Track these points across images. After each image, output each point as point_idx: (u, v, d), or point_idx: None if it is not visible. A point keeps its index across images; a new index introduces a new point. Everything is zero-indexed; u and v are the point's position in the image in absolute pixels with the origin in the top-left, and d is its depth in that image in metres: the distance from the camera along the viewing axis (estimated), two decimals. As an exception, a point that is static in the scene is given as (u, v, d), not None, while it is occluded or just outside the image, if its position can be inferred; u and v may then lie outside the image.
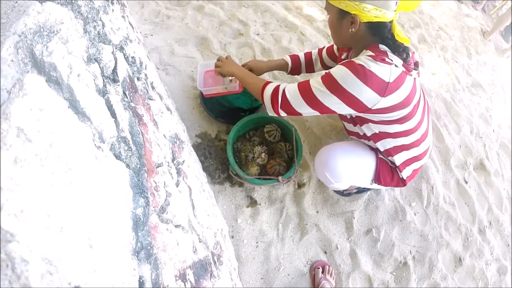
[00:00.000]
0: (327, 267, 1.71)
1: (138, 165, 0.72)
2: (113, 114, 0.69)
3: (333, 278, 1.69)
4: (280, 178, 1.63)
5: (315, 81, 1.24)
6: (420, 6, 3.45)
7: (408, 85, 1.20)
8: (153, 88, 1.27)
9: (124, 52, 0.99)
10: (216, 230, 1.36)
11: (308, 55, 1.76)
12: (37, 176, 0.42)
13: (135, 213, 0.63)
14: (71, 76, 0.58)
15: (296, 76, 2.05)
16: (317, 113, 1.28)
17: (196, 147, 1.84)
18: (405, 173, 1.51)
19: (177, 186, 0.99)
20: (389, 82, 1.13)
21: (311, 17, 2.80)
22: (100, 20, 0.85)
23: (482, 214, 2.15)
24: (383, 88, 1.14)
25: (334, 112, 1.25)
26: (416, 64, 1.29)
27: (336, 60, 1.64)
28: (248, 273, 1.67)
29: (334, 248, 1.79)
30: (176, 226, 0.86)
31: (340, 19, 1.20)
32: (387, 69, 1.13)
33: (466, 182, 2.25)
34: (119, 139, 0.68)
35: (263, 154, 1.78)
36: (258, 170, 1.75)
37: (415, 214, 1.98)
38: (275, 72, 2.29)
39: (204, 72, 1.84)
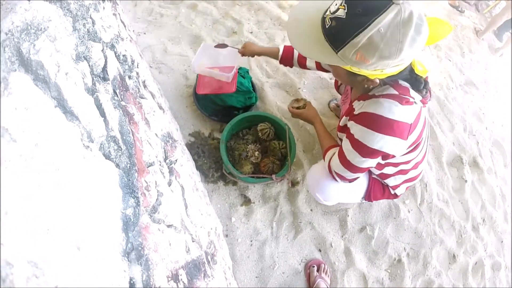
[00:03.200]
0: (322, 265, 1.71)
1: (128, 165, 0.71)
2: (102, 113, 0.68)
3: (328, 276, 1.69)
4: (273, 176, 1.62)
5: (346, 146, 1.19)
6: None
7: (422, 118, 1.14)
8: (145, 86, 1.26)
9: (115, 50, 0.98)
10: (210, 229, 1.35)
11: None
12: (22, 176, 0.41)
13: (125, 214, 0.62)
14: (59, 74, 0.57)
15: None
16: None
17: (190, 146, 1.83)
18: (398, 191, 1.52)
19: (169, 186, 0.98)
20: (411, 123, 1.07)
21: (305, 15, 2.78)
22: (90, 17, 0.84)
23: (475, 211, 2.16)
24: (406, 131, 1.08)
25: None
26: (430, 92, 1.17)
27: None
28: (242, 272, 1.66)
29: (328, 246, 1.79)
30: (168, 226, 0.85)
31: (351, 77, 1.04)
32: (411, 111, 1.06)
33: (460, 180, 2.26)
34: (109, 138, 0.67)
35: (257, 152, 1.77)
36: (252, 169, 1.74)
37: (409, 212, 1.99)
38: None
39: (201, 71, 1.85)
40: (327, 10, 0.95)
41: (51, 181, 0.45)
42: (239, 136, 1.89)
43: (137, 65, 1.22)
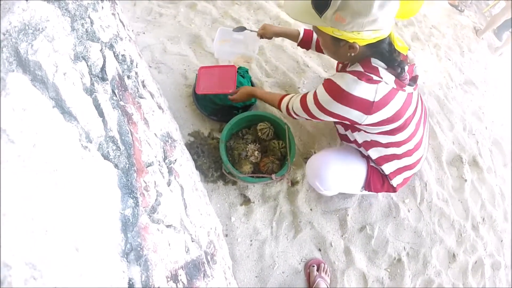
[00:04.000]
0: (322, 264, 1.71)
1: (127, 165, 0.71)
2: (101, 113, 0.68)
3: (328, 276, 1.69)
4: (273, 176, 1.62)
5: (310, 100, 1.33)
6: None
7: (399, 100, 1.21)
8: (144, 86, 1.25)
9: (114, 50, 0.98)
10: (210, 229, 1.35)
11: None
12: (20, 177, 0.41)
13: (124, 214, 0.62)
14: (57, 74, 0.56)
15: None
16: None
17: (189, 146, 1.83)
18: (395, 181, 1.54)
19: (168, 186, 0.98)
20: (374, 101, 1.16)
21: (304, 14, 2.78)
22: (89, 17, 0.84)
23: (475, 210, 2.16)
24: (368, 107, 1.18)
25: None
26: (414, 79, 1.29)
27: None
28: (242, 272, 1.66)
29: (328, 246, 1.79)
30: (168, 226, 0.85)
31: (336, 44, 1.18)
32: (371, 89, 1.16)
33: (459, 179, 2.26)
34: (107, 138, 0.67)
35: (256, 152, 1.77)
36: (251, 168, 1.74)
37: (408, 211, 1.99)
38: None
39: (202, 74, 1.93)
40: None
41: (49, 182, 0.45)
42: (239, 136, 1.89)
43: (136, 65, 1.22)
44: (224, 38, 1.99)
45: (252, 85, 2.09)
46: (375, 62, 1.17)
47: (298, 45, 1.81)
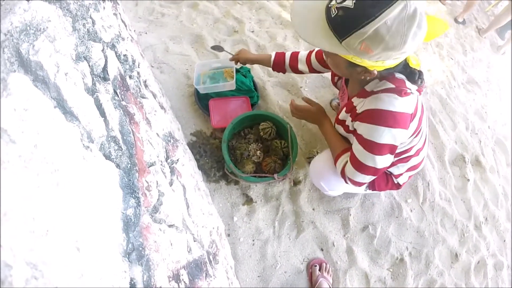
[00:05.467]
0: (324, 264, 1.71)
1: (129, 165, 0.71)
2: (103, 113, 0.68)
3: (330, 276, 1.69)
4: (275, 175, 1.62)
5: (357, 148, 1.21)
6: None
7: (420, 106, 1.19)
8: (146, 86, 1.25)
9: (115, 50, 0.98)
10: (212, 228, 1.35)
11: (294, 54, 1.67)
12: (21, 177, 0.41)
13: (126, 214, 0.62)
14: (58, 75, 0.56)
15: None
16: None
17: (191, 146, 1.83)
18: (401, 180, 1.53)
19: (170, 185, 0.98)
20: (411, 113, 1.12)
21: (306, 13, 2.78)
22: (90, 17, 0.84)
23: (478, 210, 2.15)
24: (408, 121, 1.13)
25: None
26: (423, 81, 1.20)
27: (324, 65, 1.57)
28: (244, 271, 1.66)
29: (330, 245, 1.78)
30: (170, 226, 0.85)
31: (350, 68, 1.07)
32: (409, 101, 1.10)
33: (462, 178, 2.25)
34: (109, 138, 0.67)
35: (259, 151, 1.77)
36: (254, 168, 1.74)
37: (411, 211, 1.98)
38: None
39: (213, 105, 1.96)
40: (331, 0, 0.96)
41: (50, 182, 0.45)
42: (241, 136, 1.89)
43: (138, 65, 1.22)
44: (202, 70, 2.02)
45: (255, 84, 2.09)
46: (399, 75, 1.12)
47: (273, 70, 1.75)
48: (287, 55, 1.68)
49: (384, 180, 1.54)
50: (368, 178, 1.25)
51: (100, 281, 0.48)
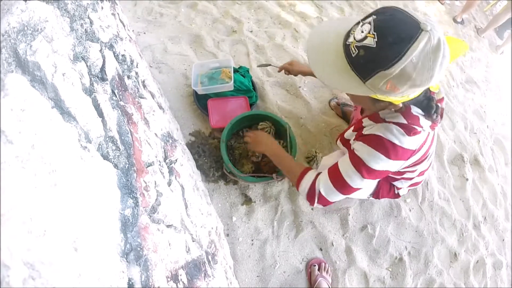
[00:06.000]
0: (323, 264, 1.71)
1: (127, 165, 0.71)
2: (100, 113, 0.68)
3: (329, 275, 1.69)
4: (274, 175, 1.62)
5: (344, 165, 1.16)
6: (413, 3, 3.45)
7: (430, 140, 1.15)
8: (144, 86, 1.25)
9: (113, 50, 0.98)
10: (211, 228, 1.35)
11: None
12: (18, 178, 0.41)
13: (124, 214, 0.62)
14: (56, 75, 0.56)
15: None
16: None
17: (190, 145, 1.83)
18: (401, 192, 1.55)
19: (169, 186, 0.98)
20: (415, 149, 1.09)
21: (304, 14, 2.78)
22: (88, 17, 0.84)
23: (476, 210, 2.15)
24: (408, 155, 1.10)
25: None
26: (442, 114, 1.11)
27: None
28: (244, 271, 1.66)
29: (329, 245, 1.78)
30: (168, 226, 0.85)
31: (374, 102, 1.03)
32: (417, 139, 1.08)
33: (461, 178, 2.25)
34: (107, 138, 0.67)
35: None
36: (253, 168, 1.74)
37: (410, 210, 1.98)
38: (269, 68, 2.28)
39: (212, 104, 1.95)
40: (349, 35, 0.91)
41: (48, 183, 0.45)
42: (240, 135, 1.89)
43: (137, 65, 1.22)
44: (200, 71, 2.03)
45: (253, 84, 2.09)
46: (415, 110, 1.06)
47: None
48: None
49: (387, 190, 1.54)
50: (339, 198, 1.20)
51: (98, 281, 0.48)
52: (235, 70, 2.05)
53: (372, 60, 0.85)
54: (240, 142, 1.82)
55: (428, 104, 1.05)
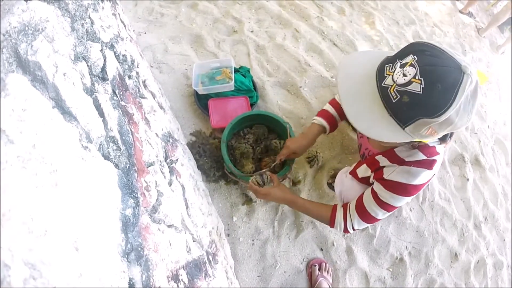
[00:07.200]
0: (324, 264, 1.71)
1: (128, 165, 0.71)
2: (101, 113, 0.68)
3: (330, 275, 1.69)
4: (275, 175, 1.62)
5: (369, 204, 1.17)
6: (414, 3, 3.44)
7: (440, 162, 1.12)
8: (145, 86, 1.25)
9: (114, 50, 0.98)
10: (211, 228, 1.35)
11: (335, 104, 1.54)
12: (19, 178, 0.41)
13: (124, 214, 0.62)
14: (57, 75, 0.56)
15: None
16: None
17: (191, 146, 1.83)
18: None
19: (169, 186, 0.98)
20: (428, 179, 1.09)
21: (305, 13, 2.78)
22: (89, 17, 0.84)
23: (477, 210, 2.15)
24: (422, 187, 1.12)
25: None
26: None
27: None
28: (244, 271, 1.66)
29: (330, 245, 1.78)
30: (169, 226, 0.85)
31: (400, 142, 0.97)
32: (436, 168, 1.06)
33: (462, 178, 2.25)
34: (108, 138, 0.67)
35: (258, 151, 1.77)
36: (253, 168, 1.74)
37: (410, 210, 1.98)
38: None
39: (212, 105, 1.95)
40: (384, 78, 0.86)
41: (49, 182, 0.45)
42: (240, 136, 1.88)
43: (137, 65, 1.22)
44: (201, 71, 2.04)
45: (254, 84, 2.09)
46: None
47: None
48: (332, 111, 1.53)
49: None
50: (361, 226, 1.24)
51: (98, 281, 0.48)
52: (236, 70, 2.05)
53: (418, 108, 0.80)
54: (241, 142, 1.82)
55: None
